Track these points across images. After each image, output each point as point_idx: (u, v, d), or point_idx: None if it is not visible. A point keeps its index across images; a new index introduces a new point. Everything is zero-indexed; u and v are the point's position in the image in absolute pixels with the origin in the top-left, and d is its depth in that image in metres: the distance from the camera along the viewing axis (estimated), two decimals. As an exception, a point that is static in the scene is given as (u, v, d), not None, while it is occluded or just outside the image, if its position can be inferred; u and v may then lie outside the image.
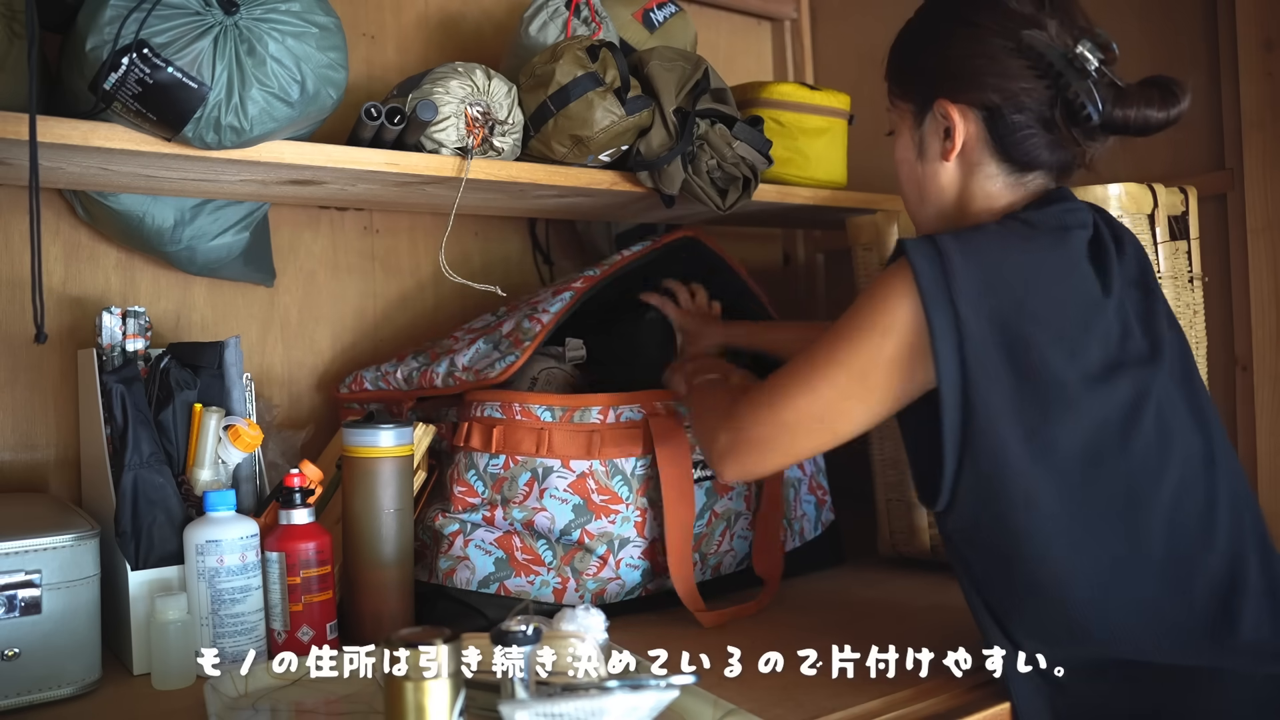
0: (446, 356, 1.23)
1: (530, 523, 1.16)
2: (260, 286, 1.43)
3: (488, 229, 1.64)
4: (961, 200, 0.99)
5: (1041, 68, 0.92)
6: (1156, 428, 0.86)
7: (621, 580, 1.19)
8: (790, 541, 1.35)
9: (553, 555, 1.17)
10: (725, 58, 1.94)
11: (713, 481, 1.24)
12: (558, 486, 1.16)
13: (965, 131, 0.97)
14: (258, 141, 1.03)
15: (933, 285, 0.85)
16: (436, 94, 1.16)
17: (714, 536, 1.25)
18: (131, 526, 1.05)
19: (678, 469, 1.19)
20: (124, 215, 1.22)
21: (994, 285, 0.85)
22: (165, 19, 0.93)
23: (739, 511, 1.27)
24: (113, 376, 1.11)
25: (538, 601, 1.16)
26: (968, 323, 0.84)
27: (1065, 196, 0.96)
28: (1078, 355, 0.85)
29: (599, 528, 1.17)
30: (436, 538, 1.18)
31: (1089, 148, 0.95)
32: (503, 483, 1.16)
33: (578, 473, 1.17)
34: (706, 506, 1.24)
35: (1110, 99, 0.91)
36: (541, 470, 1.16)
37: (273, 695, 0.93)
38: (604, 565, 1.18)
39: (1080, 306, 0.87)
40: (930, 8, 1.02)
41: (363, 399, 1.35)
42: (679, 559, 1.19)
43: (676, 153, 1.27)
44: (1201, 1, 1.48)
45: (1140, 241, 1.00)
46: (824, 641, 0.97)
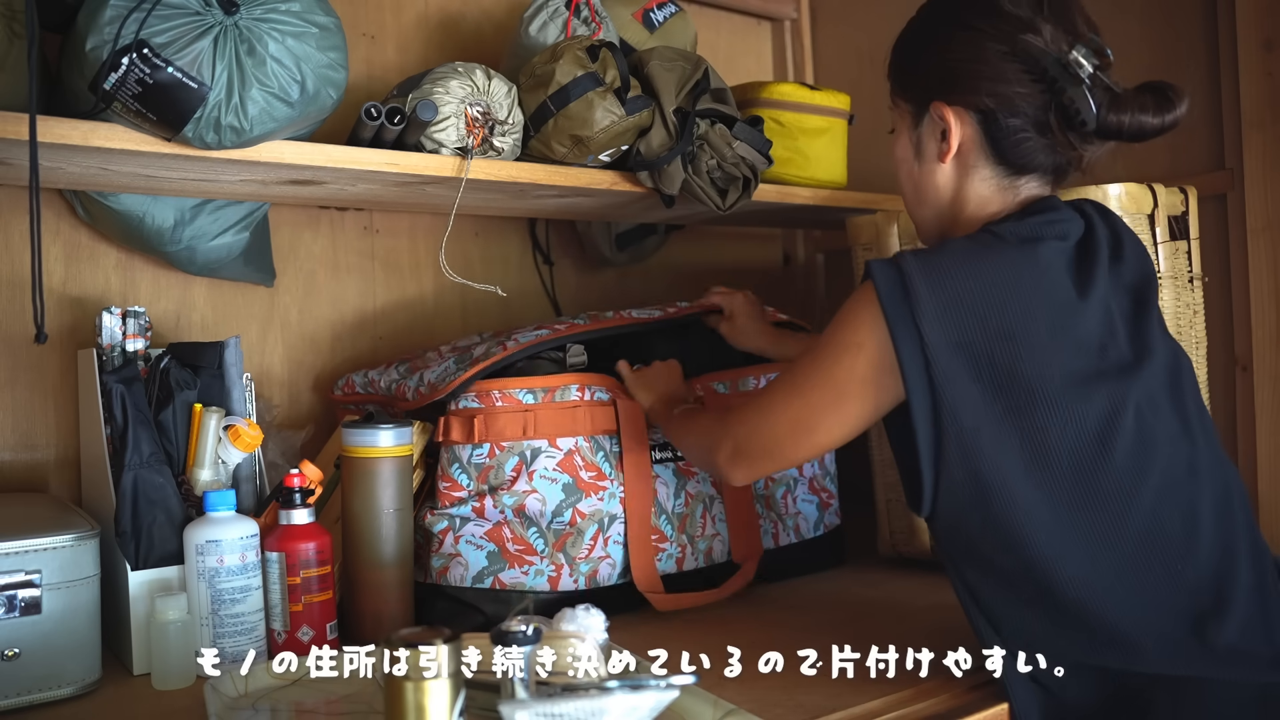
0: (419, 371, 1.24)
1: (521, 508, 1.16)
2: (260, 286, 1.43)
3: (488, 229, 1.64)
4: (956, 202, 1.00)
5: (1036, 72, 0.92)
6: (1137, 436, 0.87)
7: (612, 559, 1.20)
8: (784, 536, 1.36)
9: (544, 543, 1.17)
10: (725, 58, 1.94)
11: (677, 463, 1.26)
12: (547, 467, 1.17)
13: (961, 134, 0.97)
14: (258, 141, 1.03)
15: (895, 308, 0.87)
16: (436, 94, 1.16)
17: (695, 518, 1.27)
18: (131, 526, 1.05)
19: (636, 451, 1.22)
20: (124, 215, 1.22)
21: (956, 304, 0.86)
22: (165, 19, 0.93)
23: (711, 495, 1.29)
24: (113, 376, 1.11)
25: (535, 592, 1.16)
26: (932, 344, 0.86)
27: (1050, 206, 0.96)
28: (1051, 363, 0.86)
29: (589, 505, 1.19)
30: (428, 537, 1.18)
31: (1085, 151, 0.95)
32: (489, 471, 1.17)
33: (565, 450, 1.18)
34: (680, 487, 1.26)
35: (1105, 104, 0.91)
36: (530, 453, 1.17)
37: (273, 695, 0.93)
38: (594, 546, 1.19)
39: (1052, 312, 0.87)
40: (930, 10, 1.02)
41: (354, 401, 1.36)
42: (637, 537, 1.21)
43: (676, 153, 1.27)
44: (1201, 2, 1.48)
45: (1146, 251, 1.00)
46: (824, 641, 0.97)
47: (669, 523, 1.24)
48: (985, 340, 0.85)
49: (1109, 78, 0.92)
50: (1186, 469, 0.89)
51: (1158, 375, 0.91)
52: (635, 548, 1.21)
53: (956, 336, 0.86)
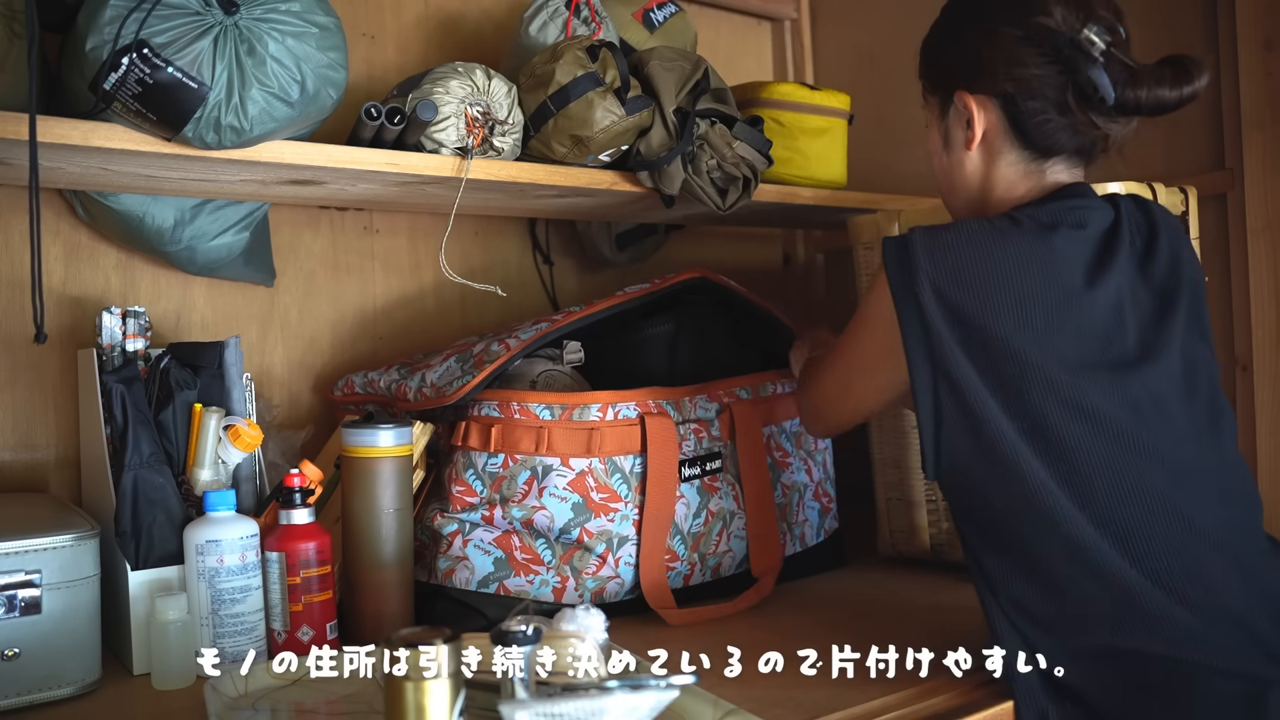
0: (421, 371, 1.24)
1: (529, 521, 1.16)
2: (260, 286, 1.43)
3: (488, 229, 1.64)
4: (985, 188, 1.03)
5: (1051, 53, 0.94)
6: (1134, 432, 0.88)
7: (620, 579, 1.19)
8: (791, 546, 1.35)
9: (552, 554, 1.17)
10: (725, 58, 1.94)
11: (703, 481, 1.24)
12: (557, 485, 1.16)
13: (985, 121, 1.00)
14: (258, 141, 1.03)
15: (899, 284, 0.91)
16: (436, 94, 1.16)
17: (711, 536, 1.25)
18: (131, 526, 1.05)
19: (663, 465, 1.20)
20: (124, 215, 1.22)
21: (956, 281, 0.89)
22: (165, 19, 0.93)
23: (733, 511, 1.27)
24: (113, 376, 1.11)
25: (538, 601, 1.16)
26: (931, 317, 0.89)
27: (1077, 193, 0.97)
28: (1047, 347, 0.88)
29: (598, 526, 1.17)
30: (435, 538, 1.18)
31: (1109, 130, 0.97)
32: (501, 481, 1.16)
33: (577, 471, 1.17)
34: (701, 506, 1.24)
35: (1123, 80, 0.92)
36: (541, 469, 1.16)
37: (273, 695, 0.93)
38: (603, 564, 1.18)
39: (1056, 297, 0.89)
40: (949, 5, 1.06)
41: (354, 401, 1.36)
42: (651, 552, 1.20)
43: (676, 153, 1.27)
44: (1201, 2, 1.48)
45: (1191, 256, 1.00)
46: (824, 641, 0.97)
47: (682, 542, 1.23)
48: (982, 317, 0.88)
49: (1127, 54, 0.93)
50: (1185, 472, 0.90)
51: (1167, 376, 0.91)
52: (646, 566, 1.19)
53: (957, 312, 0.89)
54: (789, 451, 1.36)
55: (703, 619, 1.19)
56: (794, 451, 1.37)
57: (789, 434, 1.37)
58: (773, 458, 1.33)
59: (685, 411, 1.24)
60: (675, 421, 1.22)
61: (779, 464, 1.34)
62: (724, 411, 1.28)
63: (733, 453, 1.28)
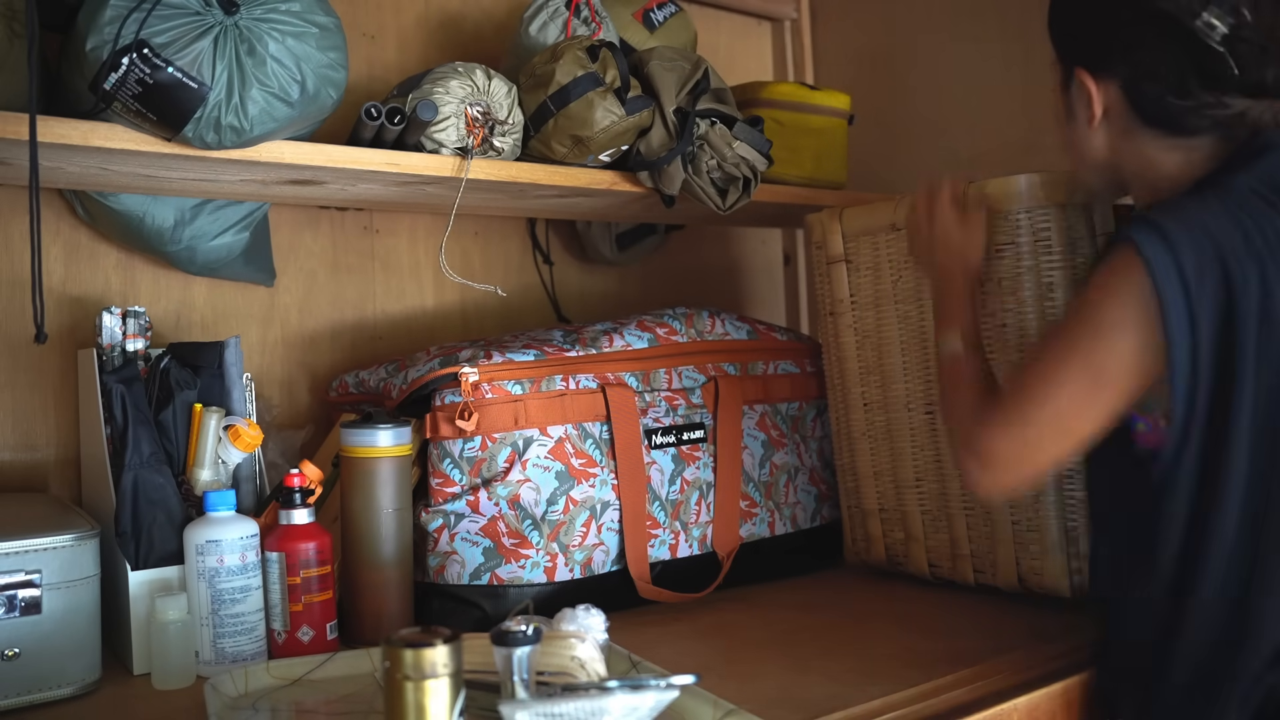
0: (405, 370, 1.24)
1: (516, 498, 1.17)
2: (260, 286, 1.43)
3: (488, 229, 1.64)
4: (1118, 163, 1.00)
5: (1169, 36, 0.91)
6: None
7: (606, 546, 1.21)
8: (781, 525, 1.36)
9: (539, 535, 1.17)
10: (725, 58, 1.94)
11: (680, 449, 1.26)
12: (539, 455, 1.18)
13: (1104, 100, 0.98)
14: (258, 141, 1.03)
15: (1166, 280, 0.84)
16: (436, 94, 1.16)
17: (690, 505, 1.27)
18: (131, 526, 1.05)
19: (629, 438, 1.22)
20: (124, 215, 1.22)
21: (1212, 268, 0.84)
22: (165, 19, 0.93)
23: (709, 482, 1.29)
24: (113, 376, 1.11)
25: (532, 584, 1.16)
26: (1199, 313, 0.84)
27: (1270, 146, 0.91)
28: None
29: (582, 492, 1.19)
30: (423, 535, 1.18)
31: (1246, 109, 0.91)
32: (481, 465, 1.17)
33: (555, 438, 1.19)
34: (676, 473, 1.26)
35: (1251, 61, 0.89)
36: (522, 442, 1.17)
37: (273, 695, 0.93)
38: (587, 533, 1.20)
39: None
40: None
41: (349, 401, 1.36)
42: (632, 523, 1.21)
43: (676, 153, 1.27)
44: (1202, 1, 1.47)
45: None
46: (824, 641, 0.97)
47: (662, 509, 1.25)
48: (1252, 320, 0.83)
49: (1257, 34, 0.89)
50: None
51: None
52: (630, 534, 1.22)
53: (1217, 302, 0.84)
54: (784, 432, 1.38)
55: (669, 600, 1.22)
56: (789, 434, 1.39)
57: (785, 416, 1.39)
58: (769, 435, 1.36)
59: (655, 382, 1.27)
60: (636, 390, 1.24)
61: (774, 442, 1.37)
62: (709, 383, 1.30)
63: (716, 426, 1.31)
